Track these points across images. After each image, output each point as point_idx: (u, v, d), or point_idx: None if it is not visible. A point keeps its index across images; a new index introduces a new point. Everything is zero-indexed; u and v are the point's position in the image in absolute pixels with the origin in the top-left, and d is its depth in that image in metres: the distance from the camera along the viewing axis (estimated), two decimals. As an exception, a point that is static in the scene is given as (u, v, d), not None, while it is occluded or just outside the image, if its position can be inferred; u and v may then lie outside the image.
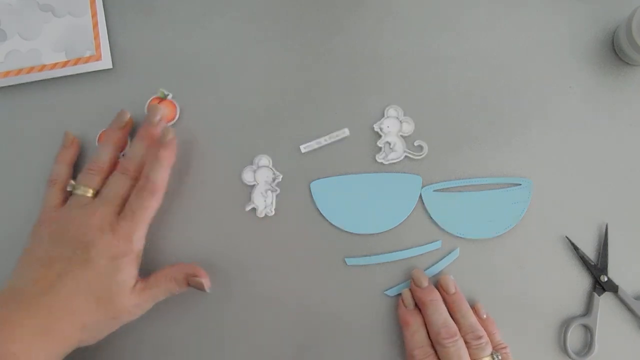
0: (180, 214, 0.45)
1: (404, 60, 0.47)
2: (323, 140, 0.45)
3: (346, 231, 0.44)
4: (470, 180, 0.45)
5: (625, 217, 0.45)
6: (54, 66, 0.46)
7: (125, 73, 0.47)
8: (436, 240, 0.45)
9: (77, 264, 0.38)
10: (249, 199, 0.45)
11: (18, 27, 0.46)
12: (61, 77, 0.46)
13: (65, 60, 0.46)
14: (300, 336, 0.44)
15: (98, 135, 0.46)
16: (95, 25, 0.46)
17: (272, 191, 0.44)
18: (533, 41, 0.47)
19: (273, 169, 0.45)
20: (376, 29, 0.47)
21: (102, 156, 0.42)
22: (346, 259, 0.44)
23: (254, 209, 0.45)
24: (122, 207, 0.40)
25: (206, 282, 0.41)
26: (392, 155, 0.45)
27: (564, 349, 0.43)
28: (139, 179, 0.41)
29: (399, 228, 0.45)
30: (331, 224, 0.44)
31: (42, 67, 0.46)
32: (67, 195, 0.42)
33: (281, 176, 0.45)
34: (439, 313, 0.41)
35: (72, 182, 0.42)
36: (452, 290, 0.43)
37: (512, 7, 0.48)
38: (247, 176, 0.45)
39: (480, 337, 0.40)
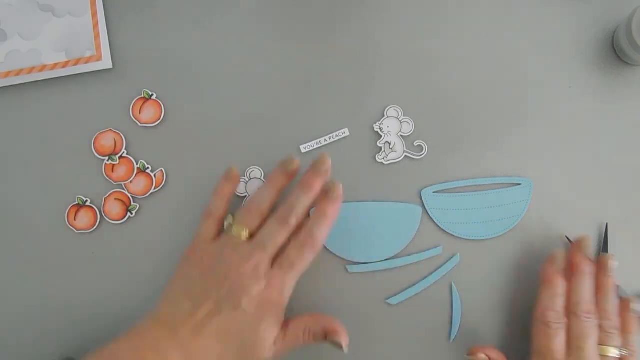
0: (176, 217, 0.45)
1: (404, 60, 0.47)
2: (323, 140, 0.45)
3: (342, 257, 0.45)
4: (470, 181, 0.45)
5: (625, 217, 0.45)
6: (54, 66, 0.46)
7: (125, 73, 0.47)
8: (437, 247, 0.45)
9: (227, 307, 0.37)
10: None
11: (18, 27, 0.46)
12: (61, 77, 0.46)
13: (66, 60, 0.46)
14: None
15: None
16: (95, 25, 0.46)
17: None
18: (533, 41, 0.47)
19: (264, 180, 0.45)
20: (375, 29, 0.47)
21: (265, 199, 0.41)
22: (347, 267, 0.45)
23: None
24: (275, 256, 0.39)
25: (345, 341, 0.39)
26: (392, 155, 0.45)
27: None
28: (297, 230, 0.40)
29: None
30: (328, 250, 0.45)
31: (43, 67, 0.46)
32: (220, 229, 0.42)
33: None
34: (588, 287, 0.40)
35: (231, 218, 0.41)
36: (609, 273, 0.41)
37: (512, 7, 0.48)
38: (239, 188, 0.45)
39: (614, 328, 0.40)
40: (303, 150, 0.46)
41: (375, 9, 0.48)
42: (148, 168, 0.45)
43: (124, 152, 0.46)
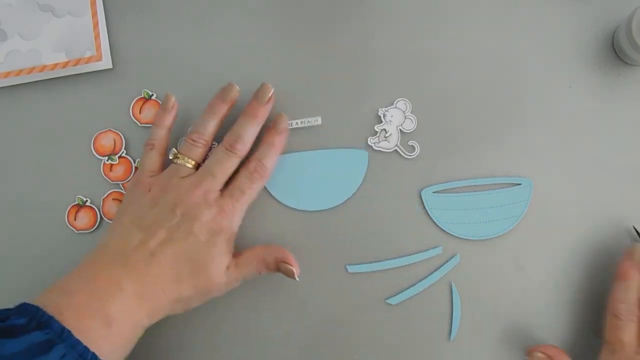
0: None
1: (404, 60, 0.47)
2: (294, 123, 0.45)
3: (294, 208, 0.45)
4: (469, 181, 0.45)
5: (625, 217, 0.45)
6: (54, 66, 0.46)
7: (125, 73, 0.47)
8: (437, 247, 0.45)
9: (179, 235, 0.38)
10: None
11: (18, 27, 0.46)
12: (61, 77, 0.46)
13: (66, 60, 0.46)
14: (300, 343, 0.44)
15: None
16: (95, 25, 0.46)
17: None
18: (533, 41, 0.47)
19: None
20: (376, 29, 0.47)
21: (207, 128, 0.42)
22: (347, 267, 0.45)
23: None
24: (225, 184, 0.40)
25: (296, 270, 0.41)
26: (383, 144, 0.45)
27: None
28: (245, 159, 0.41)
29: (400, 232, 0.45)
30: (280, 202, 0.45)
31: (43, 68, 0.46)
32: (165, 161, 0.42)
33: None
34: None
35: (175, 149, 0.42)
36: None
37: (512, 7, 0.48)
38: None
39: None
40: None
41: (375, 9, 0.47)
42: (148, 168, 0.45)
43: (123, 152, 0.46)
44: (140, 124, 0.46)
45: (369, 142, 0.45)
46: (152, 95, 0.46)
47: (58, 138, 0.46)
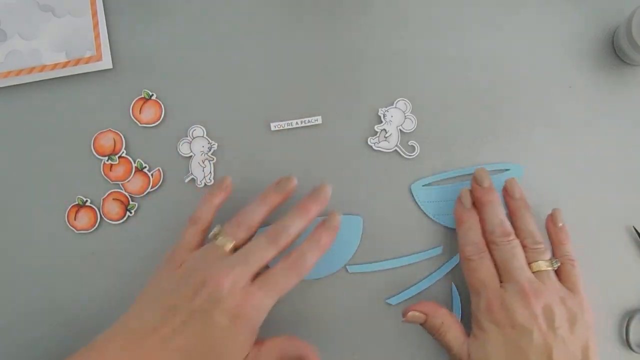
0: (176, 217, 0.45)
1: (404, 59, 0.47)
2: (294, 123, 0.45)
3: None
4: (458, 171, 0.45)
5: (625, 217, 0.45)
6: (54, 66, 0.46)
7: (125, 73, 0.47)
8: (437, 247, 0.45)
9: (198, 320, 0.35)
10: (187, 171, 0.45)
11: (18, 27, 0.46)
12: (61, 77, 0.46)
13: (66, 60, 0.46)
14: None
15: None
16: (95, 25, 0.46)
17: (209, 160, 0.45)
18: (533, 41, 0.47)
19: (207, 138, 0.45)
20: (377, 29, 0.47)
21: (256, 214, 0.39)
22: (348, 267, 0.44)
23: (193, 180, 0.45)
24: (257, 273, 0.37)
25: None
26: (383, 144, 0.45)
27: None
28: (288, 253, 0.38)
29: (399, 231, 0.45)
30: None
31: (43, 68, 0.46)
32: (204, 237, 0.40)
33: (216, 144, 0.45)
34: (496, 213, 0.41)
35: (217, 228, 0.39)
36: (517, 195, 0.42)
37: (512, 7, 0.48)
38: (183, 148, 0.45)
39: (538, 242, 0.40)
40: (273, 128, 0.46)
41: (376, 9, 0.48)
42: (145, 167, 0.45)
43: (123, 152, 0.46)
44: (140, 124, 0.46)
45: (368, 142, 0.45)
46: (152, 95, 0.46)
47: (58, 138, 0.46)
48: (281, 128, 0.45)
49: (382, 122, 0.46)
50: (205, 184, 0.45)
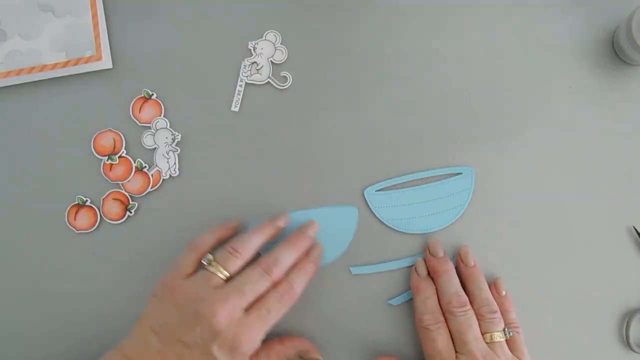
0: (176, 217, 0.45)
1: (404, 59, 0.47)
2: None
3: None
4: (412, 175, 0.45)
5: (625, 217, 0.45)
6: (54, 66, 0.46)
7: (125, 73, 0.47)
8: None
9: (196, 352, 0.36)
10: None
11: (18, 27, 0.46)
12: (61, 77, 0.46)
13: (66, 60, 0.46)
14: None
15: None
16: (95, 25, 0.46)
17: (173, 152, 0.45)
18: (533, 41, 0.47)
19: (171, 129, 0.45)
20: (377, 29, 0.47)
21: (251, 244, 0.40)
22: (351, 268, 0.45)
23: (158, 172, 0.45)
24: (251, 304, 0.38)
25: (319, 355, 0.41)
26: (255, 77, 0.46)
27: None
28: (277, 282, 0.39)
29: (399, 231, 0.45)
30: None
31: (43, 67, 0.46)
32: (199, 265, 0.40)
33: (180, 135, 0.45)
34: (451, 283, 0.42)
35: (210, 256, 0.40)
36: (472, 263, 0.43)
37: (512, 7, 0.48)
38: (147, 140, 0.45)
39: (494, 312, 0.41)
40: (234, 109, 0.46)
41: (376, 9, 0.48)
42: (145, 167, 0.45)
43: (123, 152, 0.46)
44: (140, 123, 0.46)
45: (241, 76, 0.45)
46: (152, 95, 0.46)
47: (58, 138, 0.46)
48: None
49: (252, 55, 0.46)
50: (170, 176, 0.45)
